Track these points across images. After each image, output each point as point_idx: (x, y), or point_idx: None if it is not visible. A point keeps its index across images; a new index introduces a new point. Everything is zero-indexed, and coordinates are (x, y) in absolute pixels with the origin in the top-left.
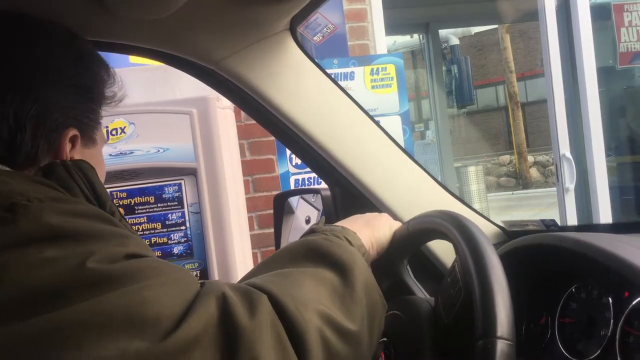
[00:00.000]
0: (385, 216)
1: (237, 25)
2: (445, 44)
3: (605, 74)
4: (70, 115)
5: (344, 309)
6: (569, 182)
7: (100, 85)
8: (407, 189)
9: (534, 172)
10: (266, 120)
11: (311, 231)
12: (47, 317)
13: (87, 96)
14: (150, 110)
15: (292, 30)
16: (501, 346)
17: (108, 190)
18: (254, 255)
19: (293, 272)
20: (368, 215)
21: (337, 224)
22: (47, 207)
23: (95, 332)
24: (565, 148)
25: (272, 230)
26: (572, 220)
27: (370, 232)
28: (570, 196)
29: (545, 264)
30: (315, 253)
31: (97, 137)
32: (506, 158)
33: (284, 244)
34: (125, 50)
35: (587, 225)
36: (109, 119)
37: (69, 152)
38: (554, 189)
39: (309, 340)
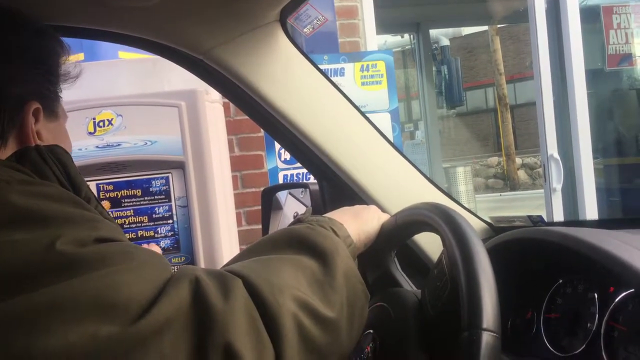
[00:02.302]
0: (373, 208)
1: (226, 15)
2: (436, 45)
3: (593, 76)
4: (30, 88)
5: (322, 296)
6: (557, 182)
7: (56, 58)
8: (395, 183)
9: (521, 174)
10: (254, 112)
11: (297, 221)
12: (14, 301)
13: (44, 69)
14: (138, 103)
15: (282, 21)
16: (486, 338)
17: (95, 182)
18: None
19: (272, 258)
20: (357, 207)
21: (325, 215)
22: (13, 189)
23: (64, 317)
24: (553, 149)
25: (261, 226)
26: (559, 220)
27: (358, 224)
28: (557, 196)
29: (532, 258)
30: (297, 241)
31: (59, 110)
32: (494, 160)
33: None
34: (113, 39)
35: (574, 221)
36: (97, 111)
37: (33, 125)
38: (542, 190)
39: (284, 325)
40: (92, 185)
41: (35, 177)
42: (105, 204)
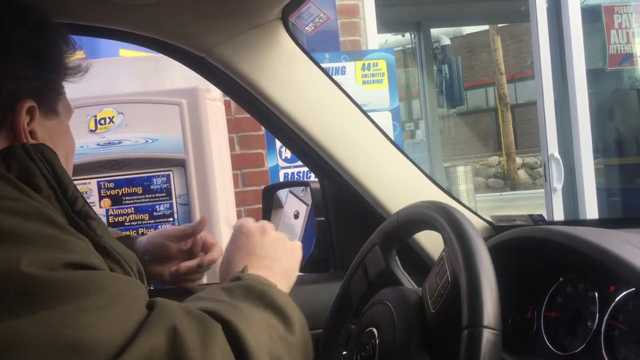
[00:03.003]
0: (297, 265)
1: (228, 13)
2: (437, 44)
3: (594, 75)
4: (25, 86)
5: (288, 351)
6: (557, 182)
7: (58, 54)
8: (396, 182)
9: (522, 174)
10: (256, 110)
11: (236, 278)
12: None
13: (43, 66)
14: (140, 100)
15: (284, 19)
16: (487, 335)
17: (96, 180)
18: None
19: (244, 307)
20: (283, 262)
21: (253, 270)
22: None
23: (21, 357)
24: (553, 148)
25: None
26: (559, 219)
27: (285, 285)
28: (557, 196)
29: (532, 257)
30: (256, 295)
31: (60, 108)
32: (495, 159)
33: None
34: (115, 36)
35: (575, 220)
36: (98, 108)
37: (26, 124)
38: (542, 190)
39: None
40: (93, 183)
41: (20, 185)
42: (106, 202)
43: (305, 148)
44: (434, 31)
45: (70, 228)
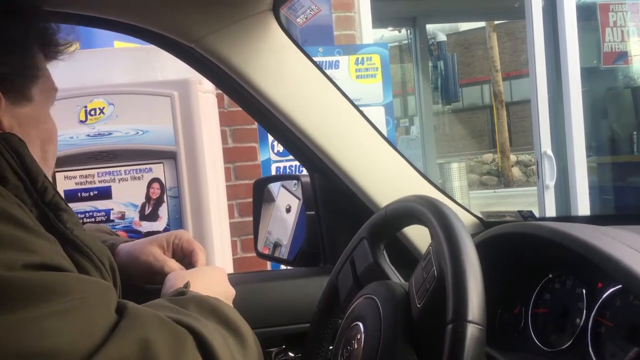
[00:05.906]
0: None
1: (219, 3)
2: (433, 40)
3: (589, 73)
4: None
5: None
6: (549, 179)
7: (30, 36)
8: (387, 176)
9: (515, 171)
10: (246, 101)
11: (181, 293)
12: None
13: (9, 49)
14: (131, 92)
15: (275, 10)
16: (471, 330)
17: (85, 172)
18: (233, 243)
19: (206, 322)
20: (221, 289)
21: (201, 290)
22: None
23: None
24: (546, 146)
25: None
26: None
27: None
28: (550, 193)
29: (521, 253)
30: (209, 308)
31: (34, 93)
32: (489, 156)
33: (262, 231)
34: (104, 25)
35: (564, 216)
36: (88, 99)
37: None
38: (535, 188)
39: None
40: (82, 174)
41: None
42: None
43: (295, 141)
44: (430, 27)
45: (36, 226)
